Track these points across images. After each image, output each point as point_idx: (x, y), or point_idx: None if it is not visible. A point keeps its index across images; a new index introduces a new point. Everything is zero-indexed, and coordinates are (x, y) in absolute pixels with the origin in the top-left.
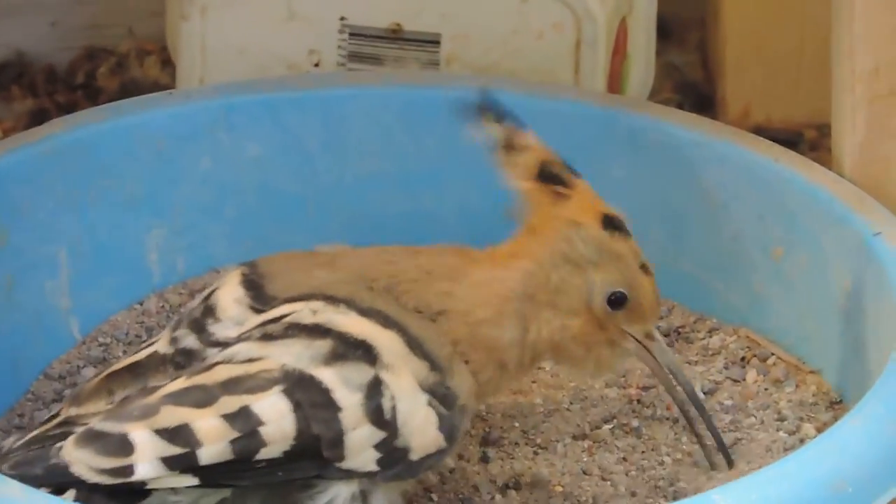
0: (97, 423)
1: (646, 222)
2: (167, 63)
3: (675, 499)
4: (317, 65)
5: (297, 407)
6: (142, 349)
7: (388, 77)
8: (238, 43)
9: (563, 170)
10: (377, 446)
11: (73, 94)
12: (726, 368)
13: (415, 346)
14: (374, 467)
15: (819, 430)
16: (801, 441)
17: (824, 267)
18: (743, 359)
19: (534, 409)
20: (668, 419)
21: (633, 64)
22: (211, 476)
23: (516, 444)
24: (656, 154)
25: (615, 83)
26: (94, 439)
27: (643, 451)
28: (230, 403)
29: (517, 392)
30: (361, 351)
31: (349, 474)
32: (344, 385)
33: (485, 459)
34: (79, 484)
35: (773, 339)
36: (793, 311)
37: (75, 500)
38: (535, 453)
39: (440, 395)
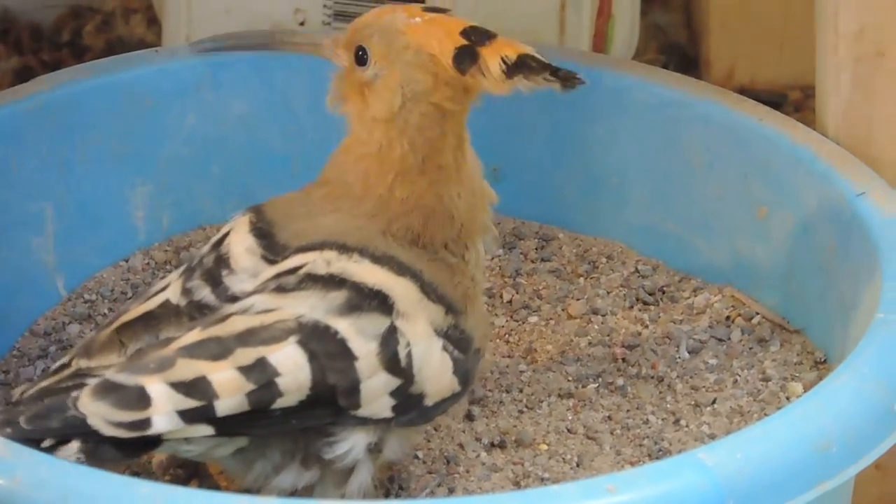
0: (112, 375)
1: (630, 182)
2: (153, 21)
3: (659, 457)
4: (302, 23)
5: (313, 357)
6: (151, 297)
7: None
8: (224, 2)
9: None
10: (392, 393)
11: (59, 52)
12: (711, 328)
13: (429, 290)
14: (388, 413)
15: (804, 390)
16: (787, 400)
17: (808, 227)
18: (728, 318)
19: (518, 368)
20: (652, 378)
21: (617, 24)
22: (226, 426)
23: (501, 402)
24: (640, 114)
25: (600, 43)
26: (111, 391)
27: (628, 410)
28: (246, 355)
29: (503, 354)
30: (377, 301)
31: (364, 421)
32: (359, 335)
33: (470, 418)
34: (89, 435)
35: (758, 299)
36: (777, 270)
37: (80, 451)
38: (520, 412)
39: (455, 339)
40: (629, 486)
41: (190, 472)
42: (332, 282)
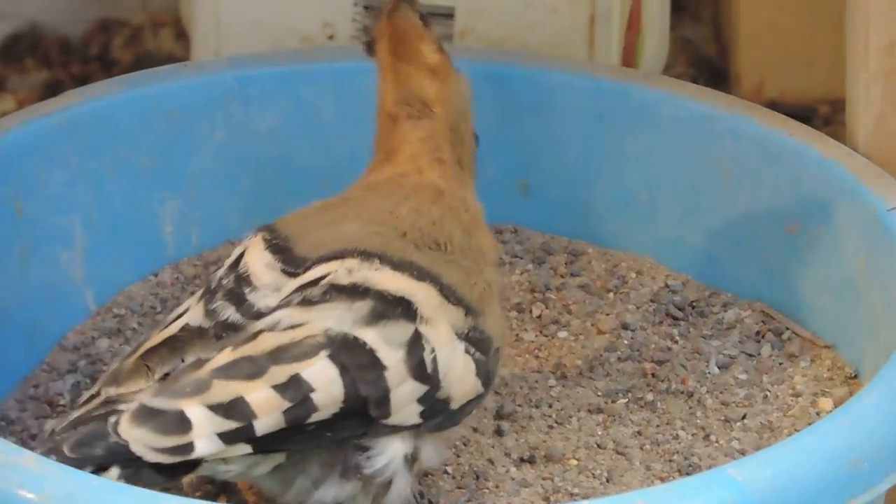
0: (149, 400)
1: (659, 197)
2: (181, 35)
3: (689, 473)
4: (331, 38)
5: (344, 370)
6: (170, 323)
7: None
8: (252, 16)
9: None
10: (420, 400)
11: (88, 65)
12: (741, 343)
13: (448, 293)
14: (417, 420)
15: (834, 405)
16: (817, 416)
17: (839, 241)
18: (758, 333)
19: (547, 383)
20: (682, 393)
21: (647, 38)
22: (264, 443)
23: (530, 417)
24: (670, 128)
25: (629, 58)
26: (150, 417)
27: (658, 425)
28: (280, 373)
29: (532, 369)
30: (401, 308)
31: (395, 429)
32: (387, 344)
33: (499, 433)
34: (131, 461)
35: (788, 314)
36: (807, 285)
37: (120, 476)
38: (550, 427)
39: (476, 341)
40: (659, 501)
41: (219, 488)
42: (355, 292)
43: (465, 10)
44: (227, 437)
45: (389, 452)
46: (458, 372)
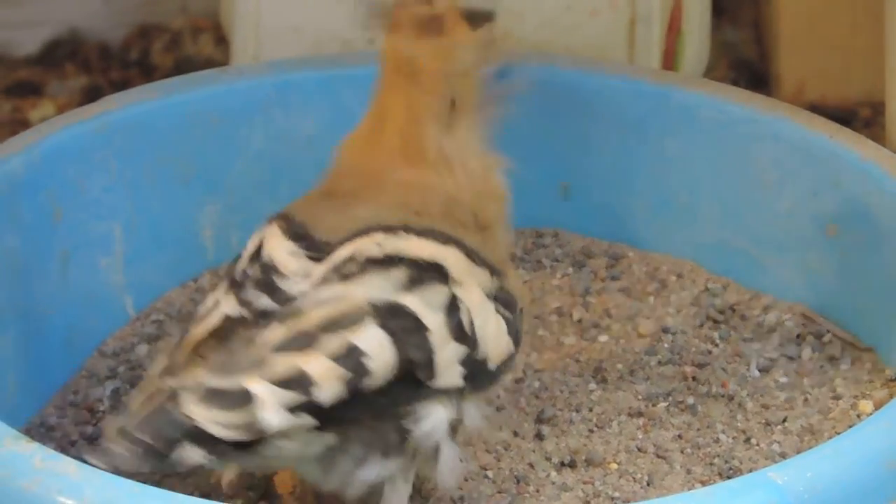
0: (210, 382)
1: (700, 199)
2: (221, 40)
3: (730, 476)
4: (371, 42)
5: (393, 335)
6: (206, 316)
7: None
8: (292, 21)
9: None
10: (462, 362)
11: (127, 71)
12: (781, 346)
13: (474, 256)
14: (460, 382)
15: (875, 408)
16: (857, 418)
17: (878, 244)
18: (798, 336)
19: (588, 387)
20: (723, 396)
21: (687, 41)
22: (327, 414)
23: (571, 421)
24: (710, 131)
25: (670, 60)
26: (215, 397)
27: (698, 429)
28: (334, 343)
29: (573, 374)
30: (435, 272)
31: (441, 393)
32: (427, 308)
33: (539, 437)
34: (205, 439)
35: (829, 317)
36: (848, 287)
37: (205, 455)
38: (591, 431)
39: (503, 300)
40: None
41: (260, 494)
42: (390, 261)
43: (505, 13)
44: (295, 409)
45: (434, 417)
46: (491, 331)
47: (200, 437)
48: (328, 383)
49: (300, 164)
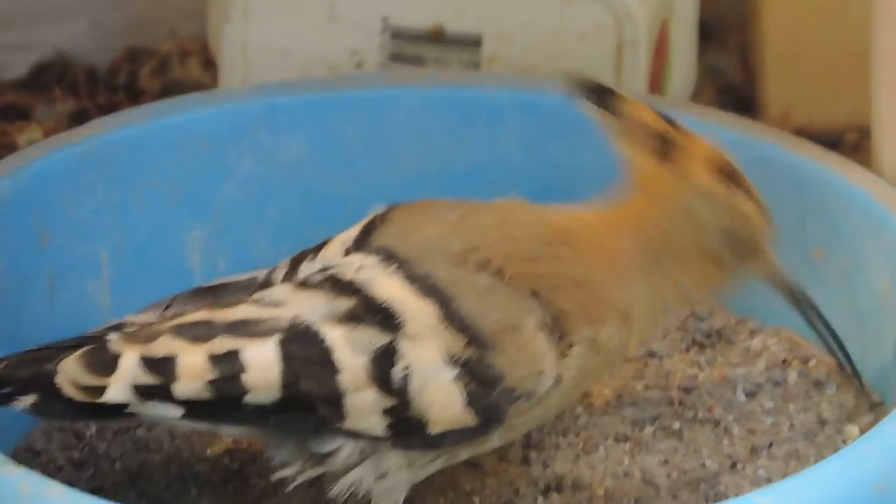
0: (111, 341)
1: None
2: (209, 64)
3: (716, 501)
4: (359, 66)
5: (288, 359)
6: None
7: (430, 78)
8: (280, 44)
9: (677, 134)
10: (385, 412)
11: (115, 95)
12: (768, 370)
13: (454, 317)
14: (382, 432)
15: (861, 432)
16: (843, 442)
17: (865, 268)
18: (784, 361)
19: (574, 412)
20: (709, 421)
21: (674, 66)
22: (197, 411)
23: (557, 446)
24: None
25: (656, 85)
26: (94, 354)
27: (685, 454)
28: (222, 344)
29: None
30: (381, 316)
31: (356, 435)
32: (349, 347)
33: (526, 461)
34: (50, 392)
35: (815, 341)
36: (833, 312)
37: (33, 405)
38: (577, 456)
39: (476, 372)
40: None
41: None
42: (346, 288)
43: (492, 38)
44: (142, 391)
45: (344, 454)
46: (438, 395)
47: (49, 389)
48: (190, 381)
49: (288, 188)
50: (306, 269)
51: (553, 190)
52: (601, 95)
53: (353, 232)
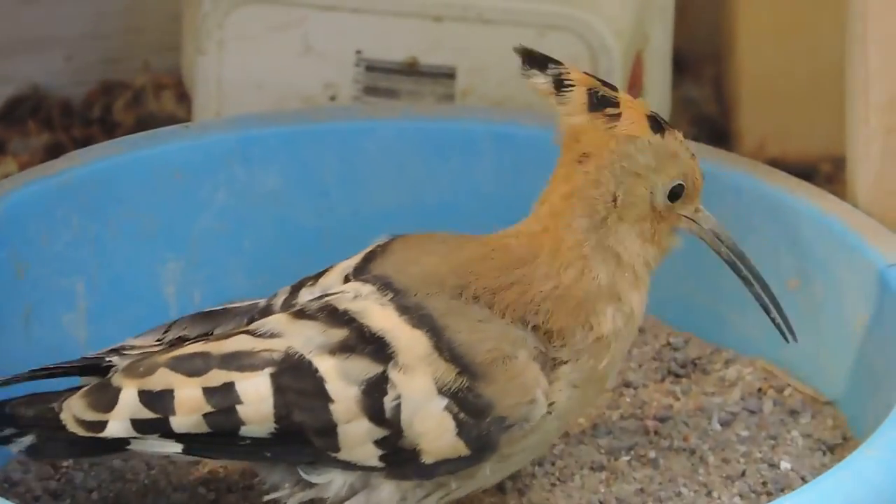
0: (114, 377)
1: None
2: (183, 97)
3: None
4: (333, 98)
5: (280, 391)
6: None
7: (404, 110)
8: (254, 77)
9: (608, 91)
10: (378, 443)
11: (89, 128)
12: (743, 399)
13: (444, 347)
14: (376, 463)
15: (835, 461)
16: (817, 471)
17: (840, 298)
18: (759, 390)
19: None
20: (685, 450)
21: (648, 97)
22: (192, 445)
23: (533, 475)
24: None
25: None
26: (98, 390)
27: (660, 482)
28: (217, 377)
29: None
30: (373, 347)
31: (350, 466)
32: (341, 377)
33: (502, 490)
34: (52, 429)
35: (789, 371)
36: (808, 342)
37: (30, 444)
38: (553, 485)
39: (466, 402)
40: None
41: None
42: (340, 318)
43: (466, 71)
44: (140, 426)
45: (337, 484)
46: (430, 426)
47: (54, 426)
48: (186, 413)
49: (263, 220)
50: (305, 296)
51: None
52: (541, 63)
53: (354, 260)
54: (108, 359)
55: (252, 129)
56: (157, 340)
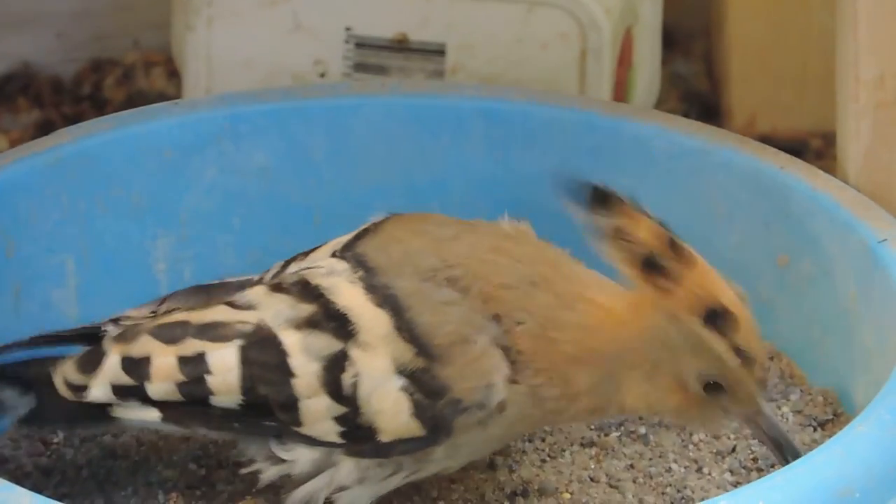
0: (105, 342)
1: None
2: (173, 74)
3: None
4: (322, 75)
5: (247, 364)
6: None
7: (394, 87)
8: (244, 54)
9: (670, 261)
10: (337, 419)
11: (79, 105)
12: None
13: (404, 328)
14: (336, 439)
15: (825, 437)
16: (808, 447)
17: (830, 274)
18: None
19: None
20: (674, 426)
21: (638, 74)
22: (172, 414)
23: (524, 451)
24: (662, 162)
25: (621, 93)
26: (88, 355)
27: (650, 458)
28: (191, 347)
29: None
30: (336, 323)
31: (313, 441)
32: (304, 352)
33: (492, 467)
34: (44, 391)
35: (780, 347)
36: (799, 318)
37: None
38: (543, 461)
39: (422, 383)
40: None
41: None
42: (311, 294)
43: (456, 47)
44: (119, 391)
45: (303, 461)
46: (385, 404)
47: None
48: (162, 381)
49: (252, 197)
50: (292, 270)
51: (517, 198)
52: (602, 199)
53: (347, 237)
54: (104, 328)
55: (241, 106)
56: (152, 312)
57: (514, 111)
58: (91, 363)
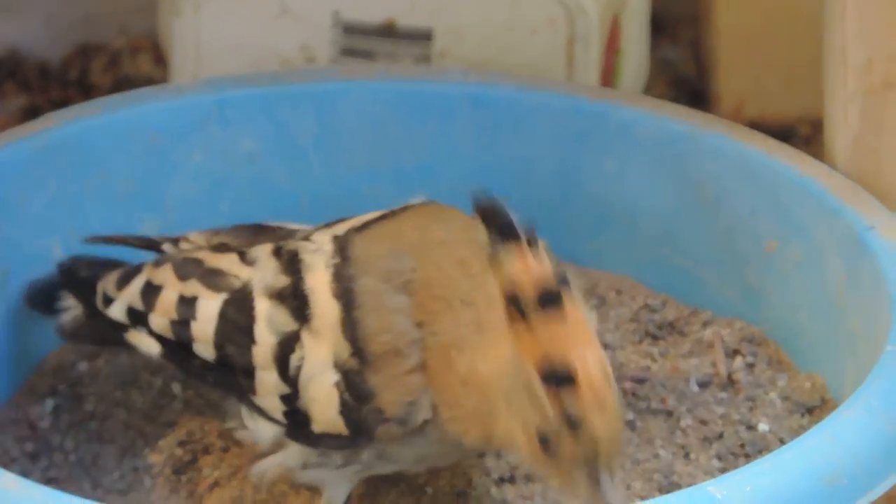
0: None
1: (639, 216)
2: (160, 59)
3: (669, 491)
4: (310, 60)
5: (222, 318)
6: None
7: (381, 72)
8: (231, 39)
9: (532, 309)
10: (283, 398)
11: (67, 90)
12: (720, 361)
13: (349, 326)
14: (280, 418)
15: (813, 422)
16: (795, 433)
17: (818, 260)
18: (737, 352)
19: None
20: (662, 412)
21: (626, 59)
22: (168, 352)
23: None
24: (649, 147)
25: (608, 79)
26: (130, 272)
27: (638, 444)
28: (192, 288)
29: None
30: (298, 303)
31: (266, 415)
32: (267, 323)
33: (480, 453)
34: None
35: (768, 333)
36: (786, 304)
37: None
38: None
39: (352, 384)
40: None
41: None
42: (292, 266)
43: (443, 32)
44: (132, 315)
45: (263, 434)
46: (320, 395)
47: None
48: (160, 314)
49: (239, 181)
50: (314, 234)
51: (505, 183)
52: (505, 231)
53: (373, 215)
54: (163, 246)
55: (229, 90)
56: (206, 242)
57: (501, 97)
58: (125, 280)
